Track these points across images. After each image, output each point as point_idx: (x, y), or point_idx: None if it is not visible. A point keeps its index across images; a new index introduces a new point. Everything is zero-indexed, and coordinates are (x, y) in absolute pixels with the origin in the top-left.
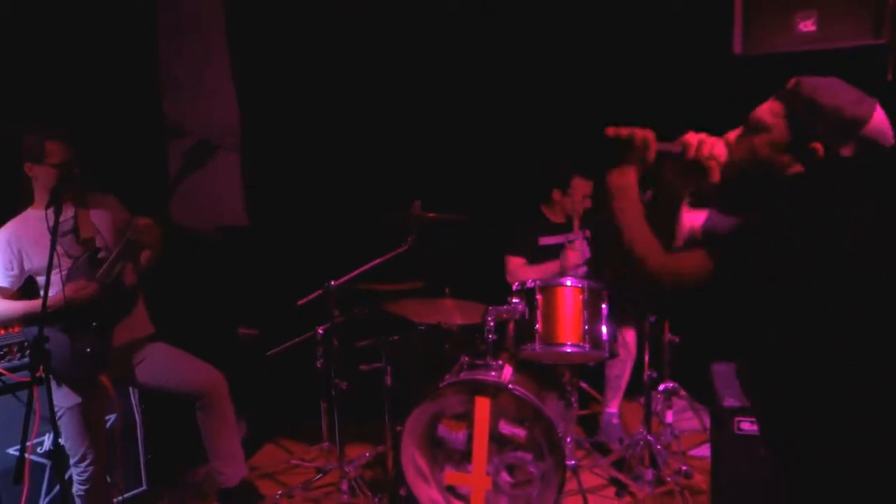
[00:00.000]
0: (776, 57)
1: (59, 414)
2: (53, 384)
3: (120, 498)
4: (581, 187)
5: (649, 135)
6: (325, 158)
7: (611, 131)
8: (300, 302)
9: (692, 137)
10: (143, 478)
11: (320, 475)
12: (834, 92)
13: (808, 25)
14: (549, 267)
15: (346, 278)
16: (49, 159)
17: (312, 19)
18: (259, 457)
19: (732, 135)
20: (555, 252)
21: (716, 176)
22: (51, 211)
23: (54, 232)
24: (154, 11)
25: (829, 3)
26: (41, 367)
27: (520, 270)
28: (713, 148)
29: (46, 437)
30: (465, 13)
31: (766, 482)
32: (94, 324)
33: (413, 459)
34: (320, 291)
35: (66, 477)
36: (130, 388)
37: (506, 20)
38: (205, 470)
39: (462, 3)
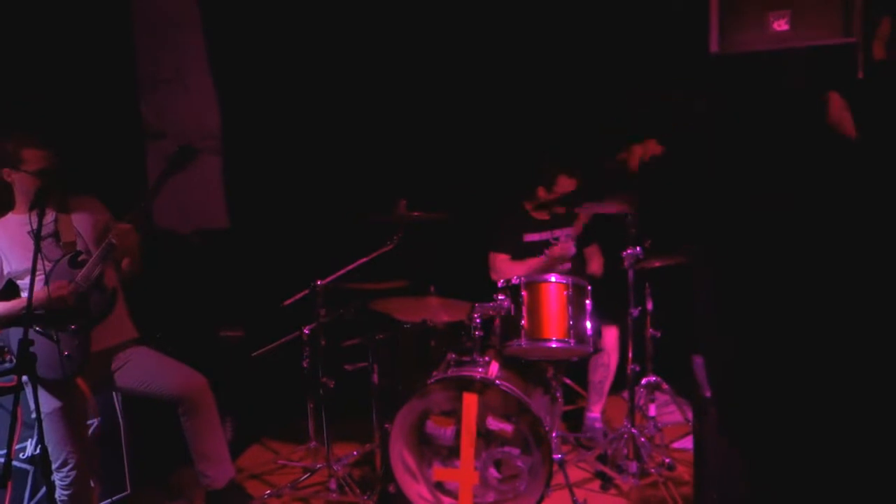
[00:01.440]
0: (751, 55)
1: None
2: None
3: (105, 503)
4: (565, 185)
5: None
6: (308, 158)
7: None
8: (286, 302)
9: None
10: (127, 482)
11: (308, 474)
12: None
13: (781, 25)
14: (533, 263)
15: (332, 278)
16: (26, 166)
17: (293, 17)
18: (245, 458)
19: None
20: (539, 249)
21: None
22: (33, 215)
23: (37, 236)
24: (129, 10)
25: (801, 2)
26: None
27: (505, 266)
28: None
29: (29, 443)
30: (450, 11)
31: (747, 471)
32: (73, 327)
33: (401, 456)
34: (306, 291)
35: (52, 479)
36: (113, 392)
37: (491, 18)
38: (189, 473)
39: (448, 5)
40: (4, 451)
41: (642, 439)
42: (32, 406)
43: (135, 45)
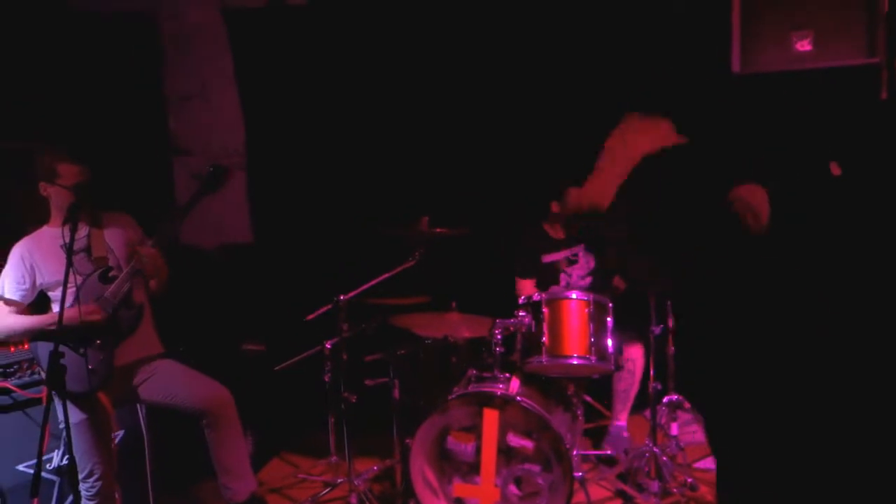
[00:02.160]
0: (774, 75)
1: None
2: (60, 400)
3: None
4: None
5: None
6: (332, 174)
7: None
8: (309, 317)
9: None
10: (150, 494)
11: (329, 489)
12: None
13: (804, 45)
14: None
15: (354, 293)
16: (61, 180)
17: (318, 34)
18: (265, 472)
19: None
20: (557, 268)
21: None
22: (66, 228)
23: (69, 249)
24: (157, 29)
25: (824, 23)
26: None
27: (528, 290)
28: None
29: (55, 454)
30: (471, 30)
31: (771, 492)
32: (98, 341)
33: (422, 472)
34: (329, 306)
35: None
36: (138, 405)
37: (509, 36)
38: (212, 486)
39: (467, 21)
40: (31, 462)
41: (664, 458)
42: (60, 417)
43: (163, 62)
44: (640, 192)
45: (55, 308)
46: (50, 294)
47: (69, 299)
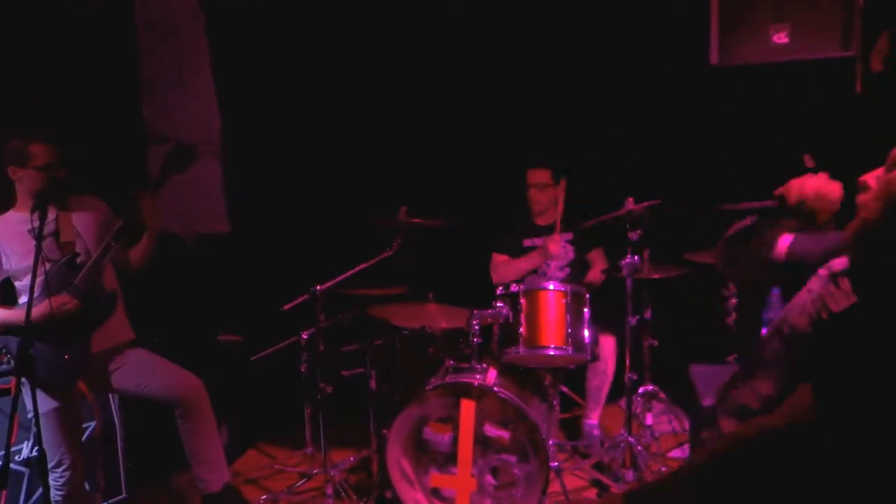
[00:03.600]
0: (750, 68)
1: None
2: (29, 389)
3: None
4: (533, 177)
5: None
6: (309, 163)
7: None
8: (285, 307)
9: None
10: (123, 485)
11: (305, 479)
12: None
13: (781, 38)
14: (532, 258)
15: (331, 283)
16: (33, 161)
17: (295, 21)
18: (241, 462)
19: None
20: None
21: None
22: (35, 215)
23: (39, 236)
24: (131, 13)
25: (801, 16)
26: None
27: (502, 266)
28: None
29: (25, 445)
30: (452, 19)
31: None
32: (73, 330)
33: (398, 462)
34: (306, 296)
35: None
36: (110, 394)
37: (490, 24)
38: (186, 476)
39: (449, 9)
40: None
41: (639, 448)
42: (29, 406)
43: (138, 48)
44: None
45: (21, 299)
46: (17, 284)
47: (37, 290)
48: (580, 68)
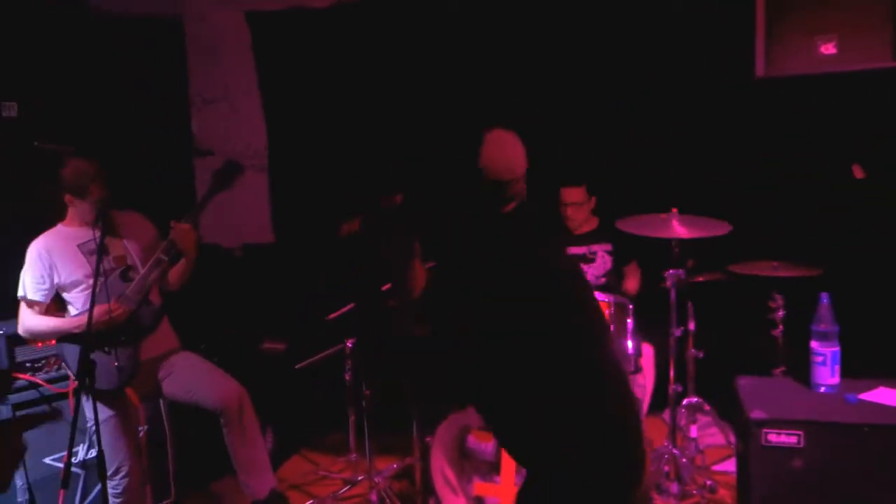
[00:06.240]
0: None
1: (93, 427)
2: (86, 397)
3: None
4: (570, 196)
5: None
6: (353, 176)
7: None
8: (330, 316)
9: None
10: (172, 489)
11: (349, 486)
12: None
13: (828, 48)
14: None
15: (375, 293)
16: (91, 197)
17: (338, 38)
18: (286, 469)
19: None
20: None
21: None
22: (97, 230)
23: (99, 253)
24: (181, 31)
25: (848, 26)
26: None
27: None
28: None
29: (81, 448)
30: (494, 34)
31: (794, 493)
32: (123, 338)
33: (441, 470)
34: (352, 305)
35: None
36: (160, 401)
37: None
38: (233, 482)
39: (492, 24)
40: (57, 455)
41: (683, 460)
42: (88, 415)
43: (187, 64)
44: None
45: (71, 309)
46: (65, 296)
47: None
48: (624, 81)
